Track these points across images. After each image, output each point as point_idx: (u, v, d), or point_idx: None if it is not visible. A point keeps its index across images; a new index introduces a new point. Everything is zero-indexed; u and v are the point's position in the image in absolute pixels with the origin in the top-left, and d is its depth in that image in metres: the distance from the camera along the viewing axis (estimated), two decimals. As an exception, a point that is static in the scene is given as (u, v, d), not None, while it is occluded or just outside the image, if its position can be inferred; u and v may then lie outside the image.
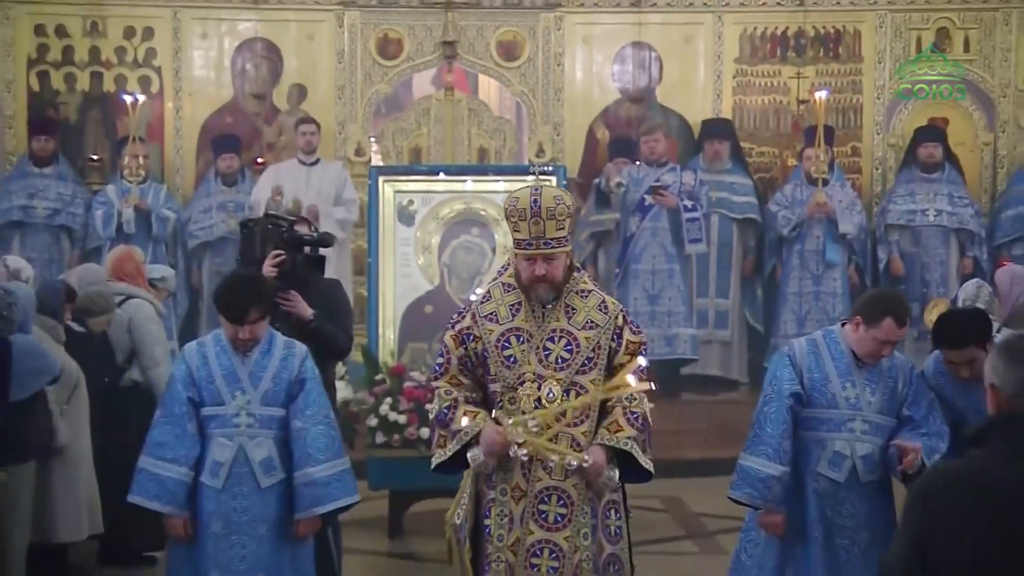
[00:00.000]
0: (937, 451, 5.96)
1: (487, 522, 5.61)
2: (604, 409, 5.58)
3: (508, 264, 5.81)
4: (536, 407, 5.48)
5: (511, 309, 5.65)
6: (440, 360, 5.70)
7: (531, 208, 5.56)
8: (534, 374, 5.55)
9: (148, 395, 8.48)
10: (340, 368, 8.44)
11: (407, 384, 9.27)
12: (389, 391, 9.27)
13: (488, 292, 5.75)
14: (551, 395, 5.49)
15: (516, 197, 5.66)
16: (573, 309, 5.66)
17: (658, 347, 11.77)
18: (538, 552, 5.58)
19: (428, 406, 5.87)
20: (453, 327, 5.72)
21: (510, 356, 5.58)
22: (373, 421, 9.23)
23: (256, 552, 6.22)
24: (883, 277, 12.23)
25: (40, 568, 7.97)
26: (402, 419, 9.17)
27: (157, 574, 6.68)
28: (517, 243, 5.61)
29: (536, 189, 5.68)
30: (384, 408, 9.20)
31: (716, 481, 6.50)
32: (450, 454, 5.59)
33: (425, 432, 8.96)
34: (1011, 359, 3.95)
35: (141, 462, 6.26)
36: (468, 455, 5.51)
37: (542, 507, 5.56)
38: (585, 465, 5.40)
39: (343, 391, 8.93)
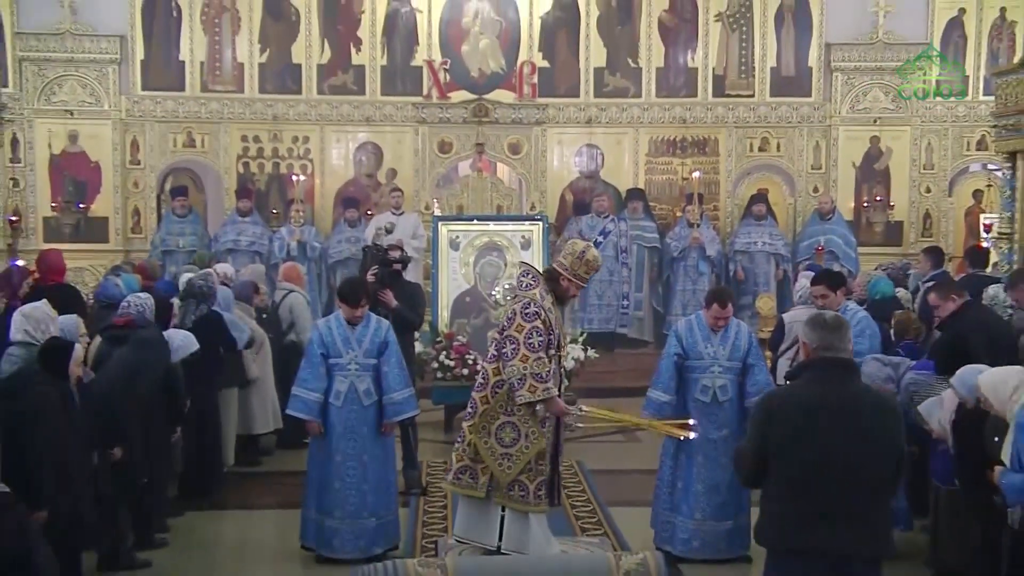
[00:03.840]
0: (765, 389, 5.94)
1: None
2: None
3: (535, 277, 5.78)
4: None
5: (553, 306, 5.71)
6: (541, 338, 5.53)
7: (596, 262, 5.83)
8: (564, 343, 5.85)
9: (300, 349, 8.45)
10: (416, 334, 8.48)
11: (455, 343, 9.27)
12: (444, 347, 9.28)
13: (540, 295, 5.67)
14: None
15: (588, 253, 5.77)
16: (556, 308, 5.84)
17: (603, 324, 11.93)
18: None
19: (532, 363, 5.54)
20: (538, 317, 5.57)
21: (559, 333, 5.69)
22: (435, 364, 9.23)
23: (362, 442, 6.22)
24: (732, 282, 12.15)
25: (244, 449, 8.13)
26: (452, 363, 9.16)
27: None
28: (581, 278, 5.75)
29: (597, 251, 5.86)
30: (441, 357, 9.22)
31: (636, 400, 6.51)
32: (540, 399, 5.53)
33: (465, 371, 9.02)
34: (812, 327, 3.98)
35: (293, 390, 6.29)
36: (536, 408, 5.59)
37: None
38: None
39: (418, 347, 8.93)
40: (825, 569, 3.77)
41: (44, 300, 6.01)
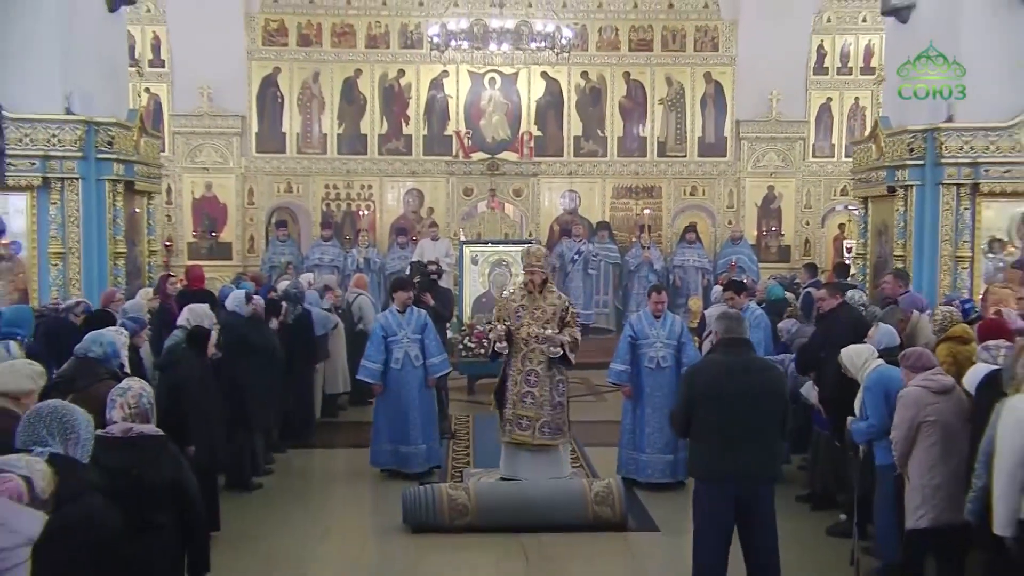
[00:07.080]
0: (694, 360, 5.88)
1: (509, 383, 5.71)
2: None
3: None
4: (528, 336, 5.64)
5: (520, 297, 5.71)
6: (491, 323, 5.80)
7: (535, 254, 5.84)
8: (530, 323, 5.66)
9: (366, 335, 8.34)
10: (448, 325, 8.48)
11: (475, 331, 9.24)
12: (467, 334, 9.27)
13: (512, 292, 5.84)
14: (537, 332, 5.64)
15: (529, 249, 5.89)
16: (544, 299, 5.78)
17: (582, 318, 11.83)
18: (524, 397, 5.71)
19: (490, 335, 5.86)
20: (496, 308, 5.83)
21: (519, 316, 5.65)
22: (461, 346, 9.21)
23: (412, 392, 6.30)
24: (671, 288, 12.00)
25: (325, 405, 8.09)
26: (472, 345, 9.12)
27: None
28: (533, 267, 5.75)
29: (537, 246, 5.91)
30: (466, 340, 9.20)
31: (602, 371, 6.56)
32: (493, 349, 5.70)
33: (482, 351, 8.91)
34: (719, 319, 4.03)
35: (361, 362, 6.39)
36: (496, 348, 5.68)
37: (529, 377, 5.69)
38: (548, 333, 5.61)
39: (450, 334, 8.90)
40: (734, 489, 3.75)
41: (207, 303, 6.01)
